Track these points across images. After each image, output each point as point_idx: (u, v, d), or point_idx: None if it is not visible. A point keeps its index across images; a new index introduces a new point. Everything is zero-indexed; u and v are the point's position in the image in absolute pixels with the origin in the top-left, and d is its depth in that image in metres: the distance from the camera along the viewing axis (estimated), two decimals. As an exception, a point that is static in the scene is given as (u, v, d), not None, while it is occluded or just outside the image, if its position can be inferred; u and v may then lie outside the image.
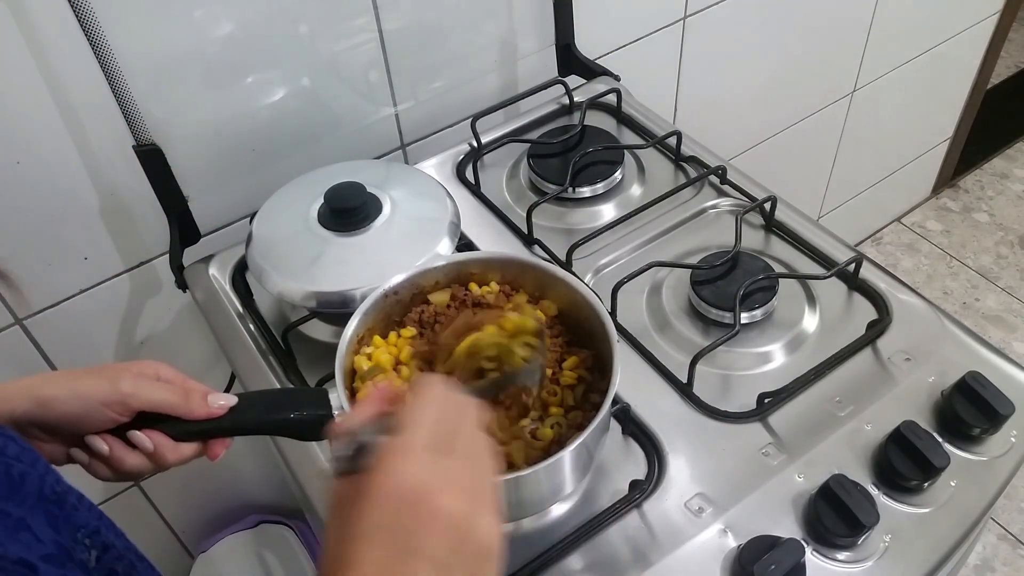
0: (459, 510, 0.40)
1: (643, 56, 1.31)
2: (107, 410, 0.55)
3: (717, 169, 1.00)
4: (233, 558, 1.30)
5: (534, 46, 1.18)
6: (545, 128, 1.11)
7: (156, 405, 0.57)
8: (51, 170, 0.89)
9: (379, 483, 0.40)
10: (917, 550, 0.67)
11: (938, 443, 0.70)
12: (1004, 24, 1.95)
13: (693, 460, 0.73)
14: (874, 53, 1.70)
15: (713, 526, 0.68)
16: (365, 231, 0.82)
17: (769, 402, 0.76)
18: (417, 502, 0.39)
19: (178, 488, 1.28)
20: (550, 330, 0.72)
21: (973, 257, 2.20)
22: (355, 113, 1.08)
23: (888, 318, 0.83)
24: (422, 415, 0.43)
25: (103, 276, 1.00)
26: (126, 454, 0.57)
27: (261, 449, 1.30)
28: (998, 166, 2.44)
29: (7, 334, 0.97)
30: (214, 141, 0.98)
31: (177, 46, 0.89)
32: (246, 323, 0.89)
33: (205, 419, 0.58)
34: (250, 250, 0.85)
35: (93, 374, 0.56)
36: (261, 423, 0.62)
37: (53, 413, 0.54)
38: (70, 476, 0.51)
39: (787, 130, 1.69)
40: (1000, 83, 2.63)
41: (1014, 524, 1.69)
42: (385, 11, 1.01)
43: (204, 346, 1.13)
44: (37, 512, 0.42)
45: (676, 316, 0.86)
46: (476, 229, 0.95)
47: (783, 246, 0.93)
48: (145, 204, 0.95)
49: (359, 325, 0.70)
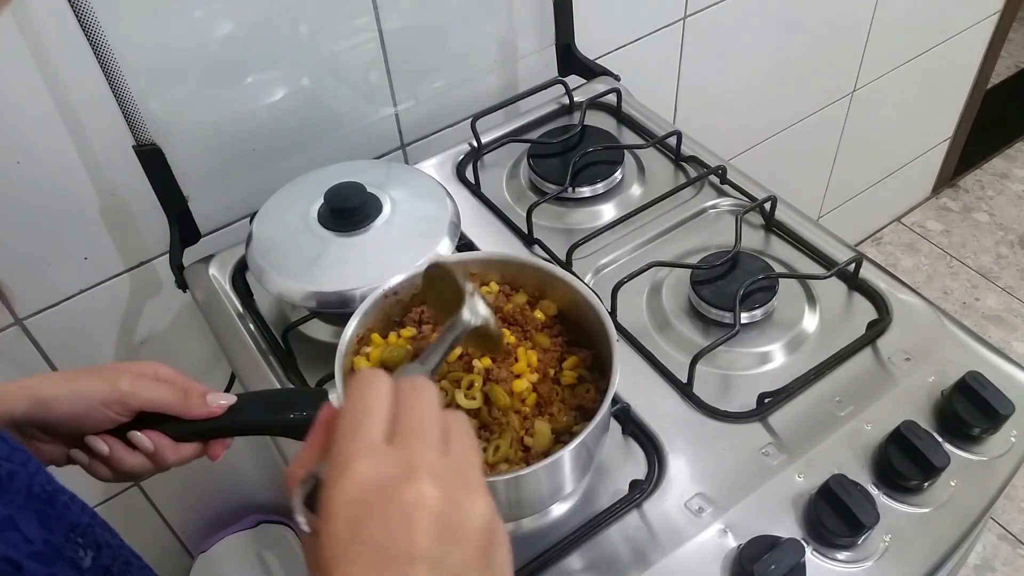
0: (434, 495, 0.35)
1: (643, 56, 1.31)
2: (106, 410, 0.55)
3: (717, 169, 1.00)
4: (233, 558, 1.30)
5: (534, 46, 1.18)
6: (545, 128, 1.11)
7: (155, 404, 0.57)
8: (51, 170, 0.89)
9: (333, 499, 0.35)
10: (917, 550, 0.67)
11: (938, 443, 0.70)
12: (1004, 24, 1.95)
13: (693, 460, 0.73)
14: (874, 53, 1.70)
15: (713, 526, 0.68)
16: (365, 231, 0.82)
17: (769, 402, 0.76)
18: (382, 500, 0.35)
19: (178, 488, 1.28)
20: (550, 329, 0.72)
21: (973, 257, 2.20)
22: (355, 113, 1.08)
23: (888, 318, 0.83)
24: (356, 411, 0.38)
25: (103, 276, 1.00)
26: (126, 454, 0.57)
27: (261, 449, 1.29)
28: (998, 166, 2.45)
29: (7, 334, 0.97)
30: (214, 141, 0.98)
31: (177, 46, 0.89)
32: (246, 323, 0.89)
33: (204, 419, 0.58)
34: (250, 250, 0.85)
35: (92, 374, 0.56)
36: (261, 423, 0.62)
37: (52, 413, 0.54)
38: (70, 476, 0.51)
39: (787, 130, 1.69)
40: (1000, 83, 2.62)
41: (1014, 524, 1.69)
42: (385, 11, 1.01)
43: (204, 346, 1.13)
44: (26, 511, 0.42)
45: (676, 316, 0.86)
46: (476, 229, 0.95)
47: (783, 246, 0.93)
48: (145, 204, 0.95)
49: (359, 325, 0.70)
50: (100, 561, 0.47)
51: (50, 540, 0.42)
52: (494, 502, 0.38)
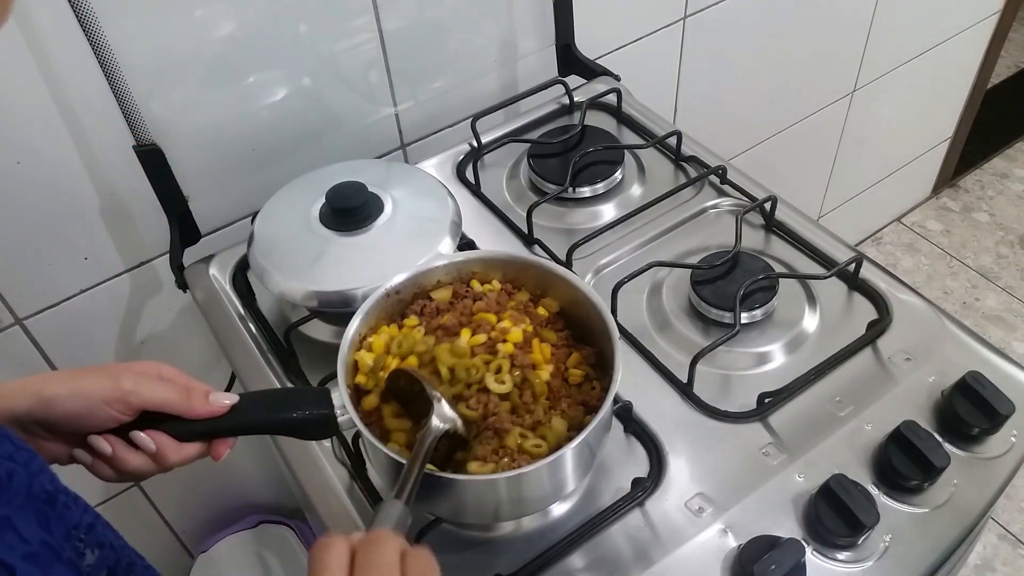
0: None
1: (643, 56, 1.31)
2: (109, 408, 0.55)
3: (717, 169, 1.00)
4: (233, 558, 1.30)
5: (534, 46, 1.18)
6: (545, 128, 1.11)
7: (157, 403, 0.57)
8: (51, 170, 0.89)
9: None
10: (917, 550, 0.67)
11: (938, 443, 0.70)
12: (1004, 24, 1.95)
13: (693, 460, 0.73)
14: (874, 53, 1.70)
15: (713, 526, 0.68)
16: (366, 230, 0.82)
17: (769, 402, 0.76)
18: None
19: (178, 488, 1.28)
20: (552, 325, 0.72)
21: (973, 257, 2.20)
22: (355, 113, 1.08)
23: (888, 318, 0.83)
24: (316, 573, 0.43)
25: (103, 276, 1.00)
26: (129, 454, 0.57)
27: (261, 449, 1.30)
28: (998, 166, 2.45)
29: (7, 334, 0.97)
30: (214, 141, 0.98)
31: (177, 46, 0.89)
32: (246, 323, 0.89)
33: (207, 418, 0.58)
34: (252, 249, 0.85)
35: (95, 373, 0.56)
36: (264, 422, 0.62)
37: (55, 411, 0.54)
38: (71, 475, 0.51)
39: (787, 130, 1.69)
40: (1000, 83, 2.63)
41: (1014, 524, 1.69)
42: (385, 11, 1.01)
43: (204, 346, 1.13)
44: (25, 511, 0.42)
45: (676, 316, 0.86)
46: (476, 229, 0.95)
47: (783, 246, 0.93)
48: (145, 204, 0.95)
49: (361, 324, 0.70)
50: (103, 562, 0.46)
51: (48, 541, 0.42)
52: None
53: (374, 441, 0.60)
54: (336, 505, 0.73)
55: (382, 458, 0.62)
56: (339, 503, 0.73)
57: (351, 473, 0.75)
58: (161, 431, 0.58)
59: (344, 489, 0.74)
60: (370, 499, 0.73)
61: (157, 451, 0.57)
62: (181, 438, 0.58)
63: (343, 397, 0.62)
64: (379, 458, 0.64)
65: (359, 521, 0.72)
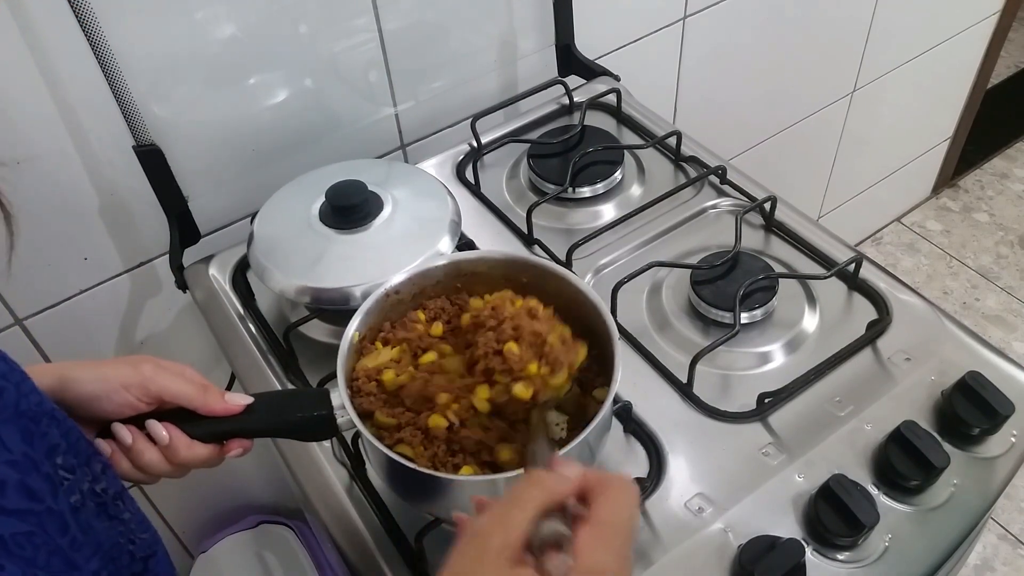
0: None
1: (643, 56, 1.31)
2: (126, 393, 0.57)
3: (717, 169, 1.00)
4: (233, 558, 1.30)
5: (534, 46, 1.18)
6: (545, 128, 1.11)
7: (174, 393, 0.58)
8: (51, 170, 0.89)
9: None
10: (917, 550, 0.67)
11: (938, 443, 0.70)
12: (1004, 24, 1.95)
13: (693, 460, 0.73)
14: (874, 53, 1.70)
15: (713, 526, 0.68)
16: (366, 229, 0.82)
17: (769, 402, 0.76)
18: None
19: (178, 488, 1.27)
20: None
21: (973, 257, 2.20)
22: (355, 113, 1.08)
23: (888, 318, 0.83)
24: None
25: (103, 276, 1.00)
26: (146, 447, 0.58)
27: (261, 449, 1.29)
28: (998, 166, 2.45)
29: (7, 334, 0.97)
30: (214, 141, 0.98)
31: (177, 46, 0.89)
32: (246, 323, 0.89)
33: (221, 416, 0.59)
34: (252, 248, 0.85)
35: (118, 361, 0.59)
36: (268, 426, 0.62)
37: (73, 392, 0.56)
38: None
39: (787, 130, 1.69)
40: (1000, 83, 2.63)
41: (1014, 524, 1.69)
42: (385, 11, 1.01)
43: (204, 346, 1.13)
44: (10, 425, 0.45)
45: (676, 316, 0.86)
46: (476, 229, 0.95)
47: (783, 246, 0.93)
48: (145, 204, 0.95)
49: (360, 324, 0.69)
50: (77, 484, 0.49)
51: (28, 454, 0.45)
52: None
53: (374, 441, 0.60)
54: (336, 505, 0.73)
55: (382, 458, 0.62)
56: (339, 503, 0.73)
57: (351, 473, 0.75)
58: (174, 425, 0.59)
59: (344, 489, 0.74)
60: (370, 499, 0.73)
61: (169, 444, 0.58)
62: (192, 435, 0.59)
63: (343, 397, 0.62)
64: (379, 458, 0.64)
65: (359, 521, 0.72)
